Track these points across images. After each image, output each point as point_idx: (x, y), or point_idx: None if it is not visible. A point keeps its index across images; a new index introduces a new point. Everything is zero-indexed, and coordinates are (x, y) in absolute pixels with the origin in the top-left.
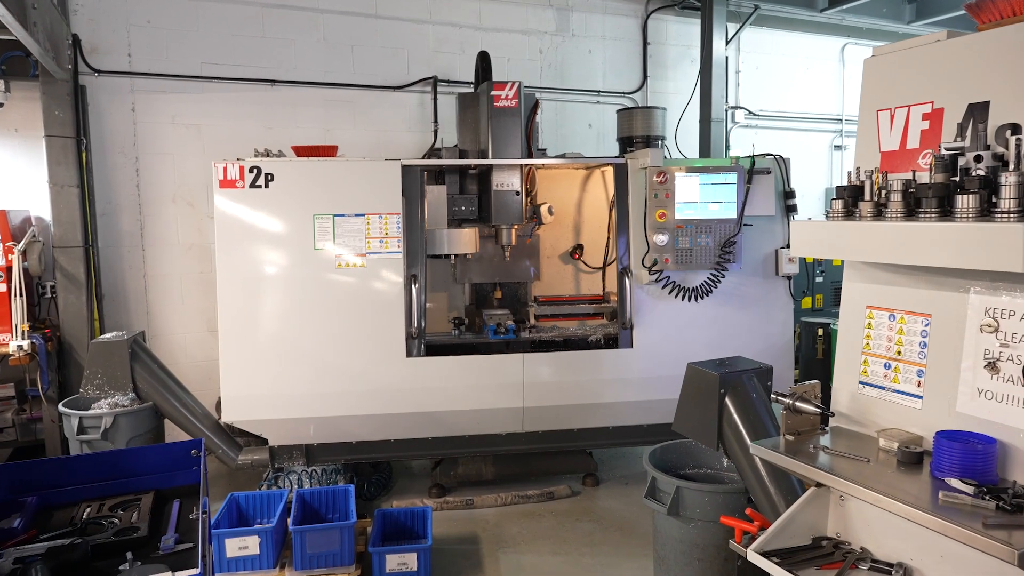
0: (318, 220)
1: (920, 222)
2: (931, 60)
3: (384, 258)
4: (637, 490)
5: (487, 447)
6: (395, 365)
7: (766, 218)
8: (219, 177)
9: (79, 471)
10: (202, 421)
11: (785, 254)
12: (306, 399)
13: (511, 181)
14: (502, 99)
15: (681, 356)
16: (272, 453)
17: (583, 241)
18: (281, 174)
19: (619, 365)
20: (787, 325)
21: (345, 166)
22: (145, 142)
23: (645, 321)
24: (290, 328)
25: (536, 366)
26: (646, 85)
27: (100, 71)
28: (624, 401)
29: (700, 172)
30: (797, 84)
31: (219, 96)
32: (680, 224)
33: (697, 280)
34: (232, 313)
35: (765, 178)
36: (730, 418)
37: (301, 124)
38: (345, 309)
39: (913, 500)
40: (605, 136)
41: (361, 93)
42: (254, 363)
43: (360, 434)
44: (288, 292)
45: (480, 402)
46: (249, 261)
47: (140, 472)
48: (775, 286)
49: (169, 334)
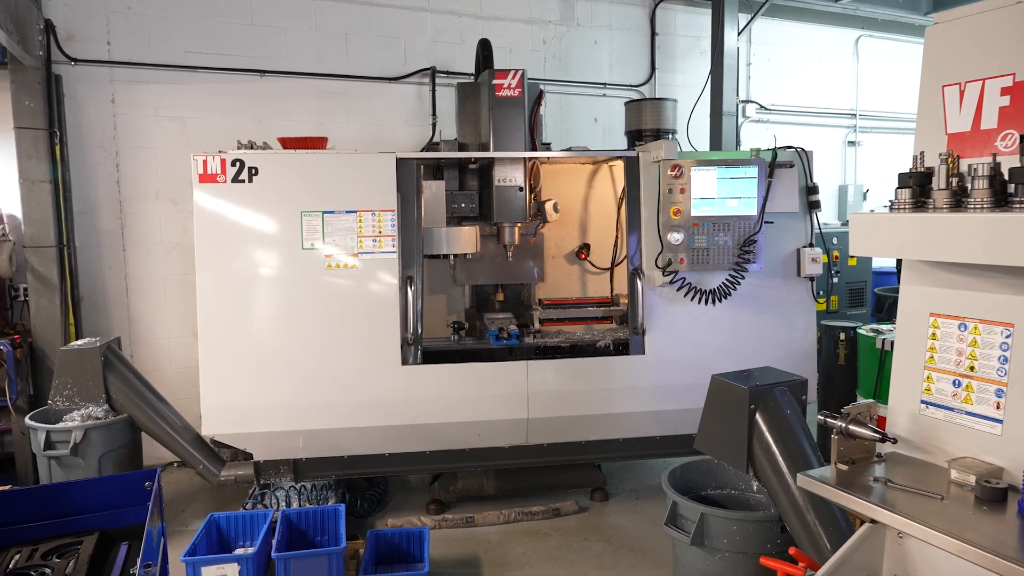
0: (306, 217)
1: (1017, 213)
2: (1010, 25)
3: (378, 258)
4: (649, 505)
5: (489, 461)
6: (390, 373)
7: (787, 215)
8: (199, 171)
9: (12, 508)
10: (181, 434)
11: (808, 254)
12: (293, 411)
13: (514, 176)
14: (504, 88)
15: (697, 363)
16: (257, 468)
17: (590, 240)
18: (266, 168)
19: (630, 373)
20: (810, 330)
21: (336, 159)
22: (126, 136)
23: (658, 325)
24: (276, 334)
25: (541, 374)
26: (654, 77)
27: (77, 60)
28: (636, 411)
29: (718, 165)
30: (810, 78)
31: (205, 87)
32: (696, 221)
33: (714, 282)
34: (213, 318)
35: (788, 172)
36: (762, 437)
37: (292, 117)
38: (335, 313)
39: (1000, 547)
40: (612, 131)
41: (356, 85)
42: (237, 372)
43: (352, 448)
44: (274, 295)
45: (482, 413)
46: (231, 262)
47: (84, 509)
48: (797, 288)
49: (152, 339)
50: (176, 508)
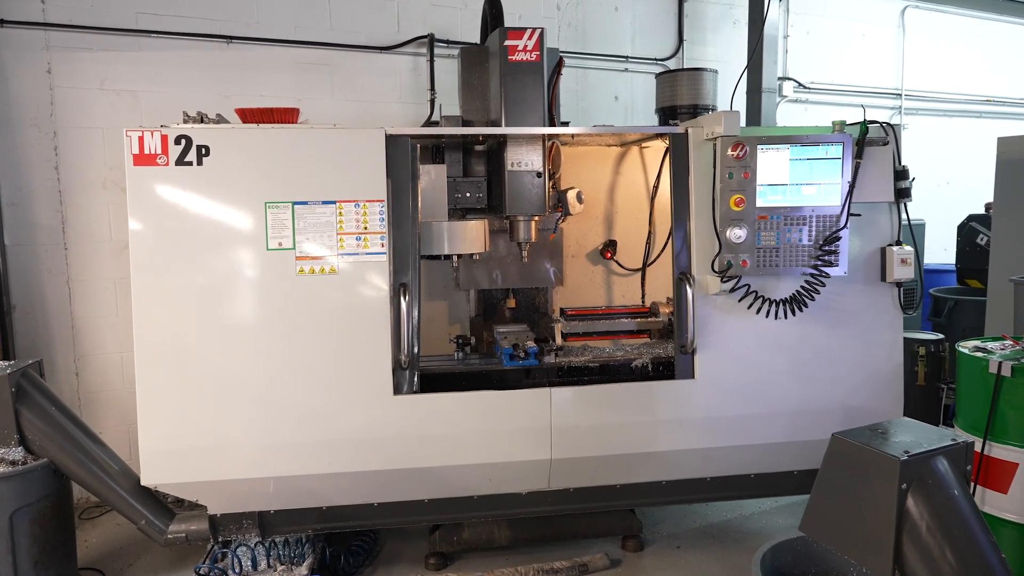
0: (272, 210)
1: None
2: None
3: (363, 261)
4: (695, 558)
5: (502, 510)
6: (379, 405)
7: (873, 206)
8: (133, 150)
9: None
10: (118, 480)
11: (897, 253)
12: (257, 453)
13: (530, 159)
14: (519, 51)
15: (756, 389)
16: (214, 523)
17: (616, 237)
18: (220, 146)
19: (678, 401)
20: (895, 347)
21: (310, 136)
22: (66, 113)
23: (711, 343)
24: (235, 357)
25: (568, 404)
26: (681, 50)
27: (4, 21)
28: (683, 449)
29: (791, 143)
30: (852, 53)
31: (161, 56)
32: (763, 214)
33: (783, 289)
34: (153, 338)
35: (880, 151)
36: (917, 532)
37: (266, 92)
38: (310, 331)
39: None
40: (634, 111)
41: (341, 55)
42: (185, 405)
43: (332, 497)
44: (231, 309)
45: (494, 453)
46: (177, 266)
47: None
48: (880, 296)
49: (101, 354)
50: (121, 563)
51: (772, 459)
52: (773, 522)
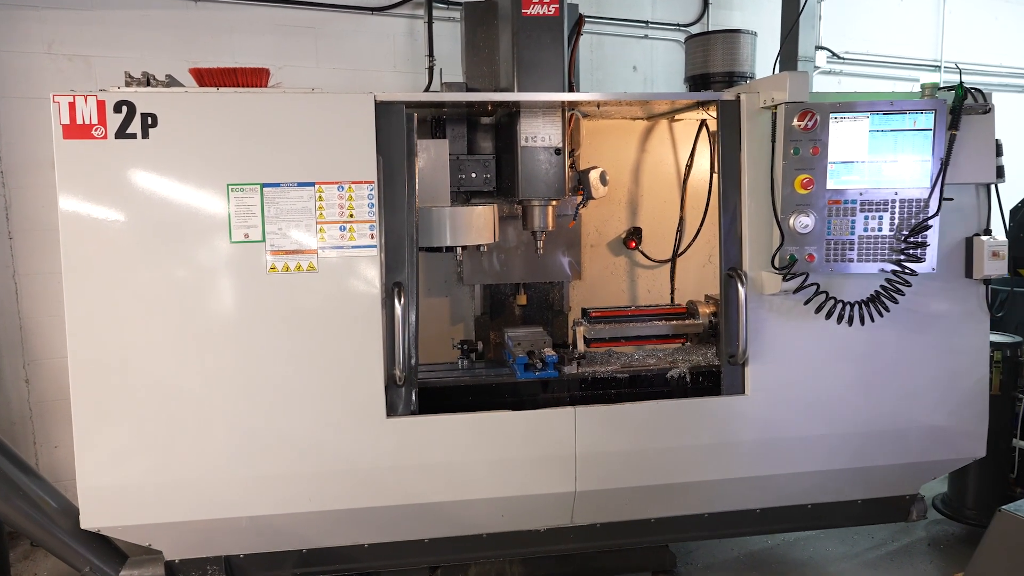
0: (236, 193)
1: None
2: None
3: (349, 256)
4: None
5: (516, 549)
6: (370, 430)
7: (959, 187)
8: (62, 120)
9: None
10: (58, 521)
11: (987, 245)
12: (223, 488)
13: (548, 133)
14: (535, 3)
15: (815, 407)
16: (171, 570)
17: (641, 224)
18: (171, 115)
19: (725, 421)
20: (981, 355)
21: (282, 103)
22: (7, 82)
23: (765, 352)
24: (193, 374)
25: (595, 426)
26: (707, 15)
27: None
28: (731, 477)
29: (871, 112)
30: (889, 20)
31: (117, 16)
32: (835, 199)
33: (851, 289)
34: (90, 352)
35: (980, 120)
36: None
37: (240, 58)
38: (284, 340)
39: None
40: (654, 82)
41: (327, 16)
42: (131, 431)
43: (313, 539)
44: (187, 315)
45: (507, 486)
46: (117, 264)
47: None
48: (964, 295)
49: (54, 357)
50: None
51: (832, 487)
52: (823, 550)
